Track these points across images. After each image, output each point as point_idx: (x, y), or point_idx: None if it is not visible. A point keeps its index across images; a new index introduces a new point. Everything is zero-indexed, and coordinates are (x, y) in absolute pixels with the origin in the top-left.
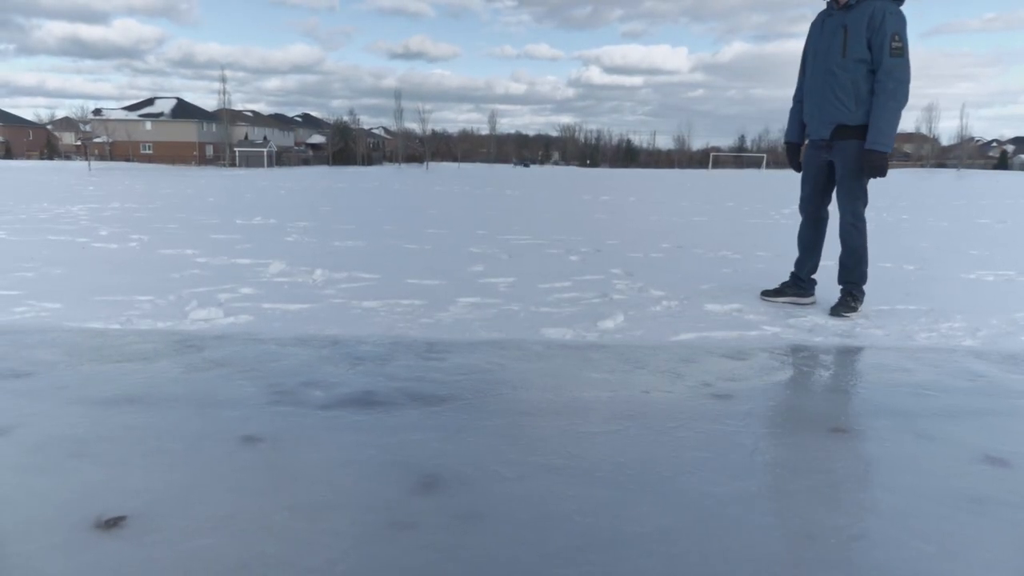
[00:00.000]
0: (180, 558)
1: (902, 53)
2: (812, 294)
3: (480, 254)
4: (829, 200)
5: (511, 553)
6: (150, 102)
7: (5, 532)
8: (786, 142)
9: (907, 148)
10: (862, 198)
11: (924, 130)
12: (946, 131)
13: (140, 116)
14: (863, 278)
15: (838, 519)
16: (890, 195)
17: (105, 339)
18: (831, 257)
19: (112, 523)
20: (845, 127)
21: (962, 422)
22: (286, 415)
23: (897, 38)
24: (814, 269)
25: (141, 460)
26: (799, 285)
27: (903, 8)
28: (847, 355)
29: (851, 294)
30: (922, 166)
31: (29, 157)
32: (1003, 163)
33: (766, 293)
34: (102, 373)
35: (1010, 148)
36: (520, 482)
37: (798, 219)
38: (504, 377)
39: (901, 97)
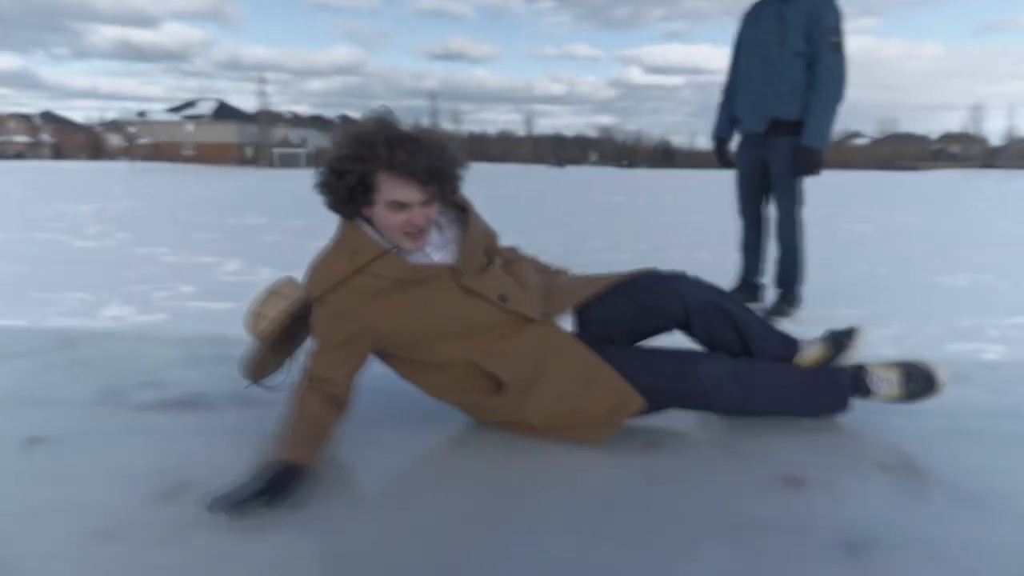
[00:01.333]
0: None
1: (840, 48)
2: (762, 299)
3: None
4: (768, 199)
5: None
6: (192, 104)
7: None
8: (714, 138)
9: (954, 149)
10: (799, 197)
11: (971, 130)
12: (998, 131)
13: (182, 118)
14: (800, 281)
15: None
16: (910, 197)
17: None
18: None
19: None
20: (781, 122)
21: (779, 439)
22: (94, 416)
23: (836, 32)
24: (762, 272)
25: None
26: (751, 291)
27: (839, 1)
28: None
29: (786, 299)
30: (970, 167)
31: (77, 158)
32: None
33: None
34: None
35: None
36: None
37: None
38: None
39: (838, 93)
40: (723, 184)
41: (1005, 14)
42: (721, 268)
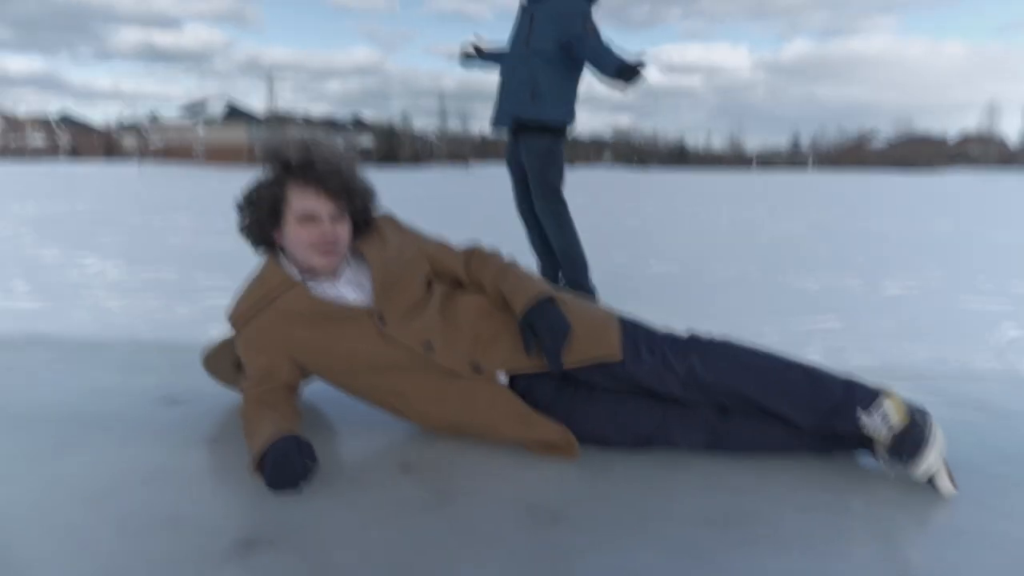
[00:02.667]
0: None
1: (597, 35)
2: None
3: None
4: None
5: None
6: (202, 105)
7: None
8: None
9: (972, 150)
10: (553, 196)
11: (986, 129)
12: (1015, 130)
13: (193, 119)
14: (584, 281)
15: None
16: (884, 201)
17: None
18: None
19: None
20: (521, 121)
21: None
22: None
23: (588, 20)
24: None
25: None
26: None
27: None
28: None
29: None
30: (988, 168)
31: (93, 160)
32: None
33: None
34: None
35: None
36: None
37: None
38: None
39: (609, 51)
40: (711, 185)
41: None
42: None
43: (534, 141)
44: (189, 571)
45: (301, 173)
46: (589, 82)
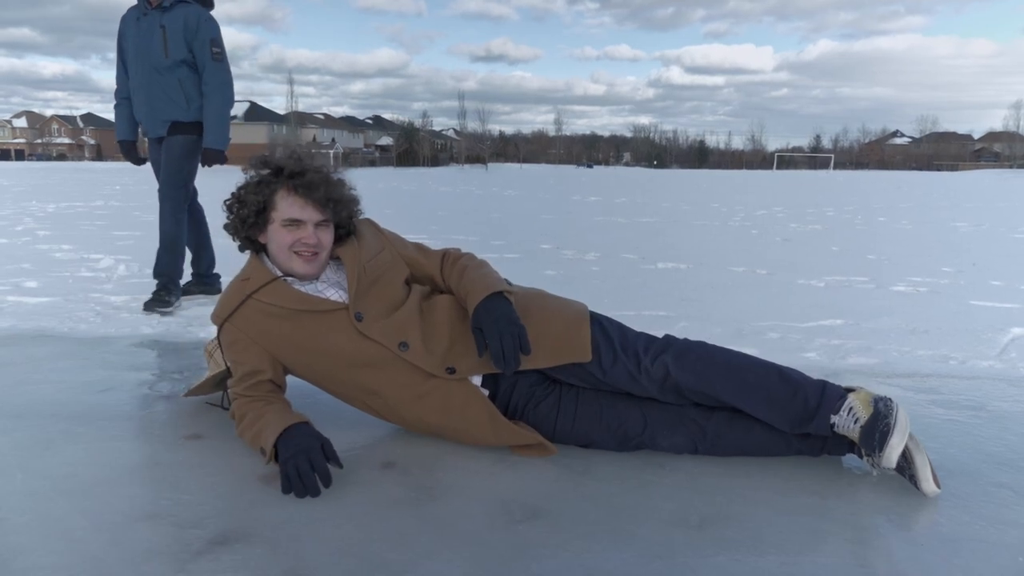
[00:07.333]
0: None
1: (222, 58)
2: (220, 289)
3: None
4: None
5: None
6: None
7: None
8: (119, 140)
9: (997, 148)
10: (183, 189)
11: (1012, 127)
12: None
13: None
14: (177, 272)
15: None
16: (905, 199)
17: None
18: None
19: None
20: (179, 123)
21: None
22: None
23: (216, 44)
24: (212, 262)
25: None
26: (204, 282)
27: (214, 13)
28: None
29: (166, 288)
30: (1009, 166)
31: (117, 159)
32: None
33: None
34: None
35: None
36: None
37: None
38: None
39: (227, 98)
40: (730, 183)
41: None
42: (577, 270)
43: (179, 139)
44: (163, 565)
45: (291, 180)
46: (610, 81)
